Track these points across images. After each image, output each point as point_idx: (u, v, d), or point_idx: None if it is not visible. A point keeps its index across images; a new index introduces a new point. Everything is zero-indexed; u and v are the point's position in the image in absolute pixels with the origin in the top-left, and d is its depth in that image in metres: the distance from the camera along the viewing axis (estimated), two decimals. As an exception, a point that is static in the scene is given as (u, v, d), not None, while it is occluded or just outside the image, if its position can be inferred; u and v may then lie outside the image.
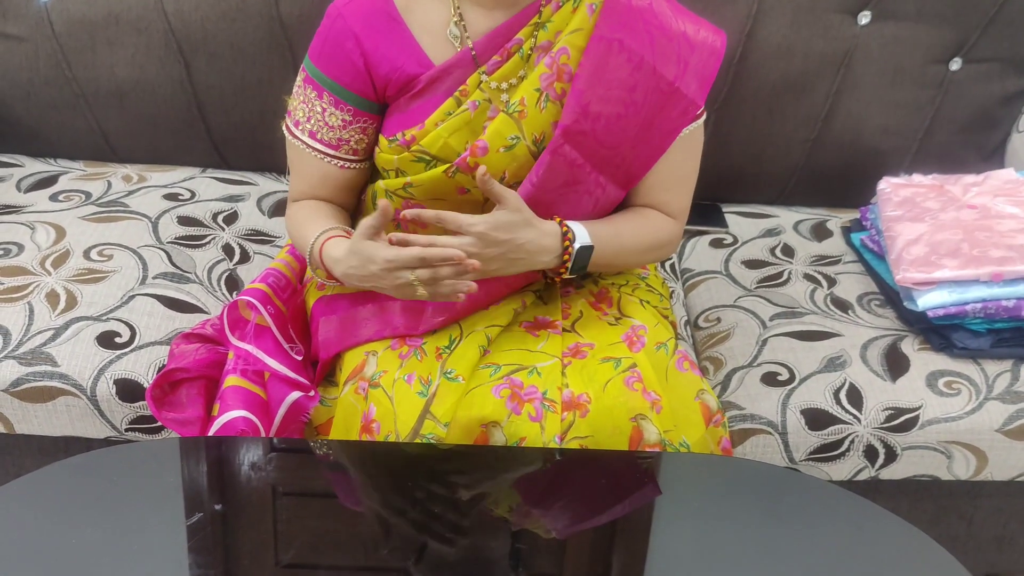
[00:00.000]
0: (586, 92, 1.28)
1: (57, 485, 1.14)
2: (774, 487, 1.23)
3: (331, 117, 1.34)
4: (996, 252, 1.55)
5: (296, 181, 1.42)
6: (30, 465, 1.57)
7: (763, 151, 1.95)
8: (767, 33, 1.83)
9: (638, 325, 1.35)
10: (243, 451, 1.23)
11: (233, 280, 1.65)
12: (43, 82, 1.88)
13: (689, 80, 1.33)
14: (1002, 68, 1.90)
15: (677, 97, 1.32)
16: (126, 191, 1.85)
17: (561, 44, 1.30)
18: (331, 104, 1.33)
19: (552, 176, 1.29)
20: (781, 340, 1.58)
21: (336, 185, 1.40)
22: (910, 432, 1.45)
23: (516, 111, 1.30)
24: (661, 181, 1.39)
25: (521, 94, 1.30)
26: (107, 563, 1.04)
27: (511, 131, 1.30)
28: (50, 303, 1.51)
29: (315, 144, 1.36)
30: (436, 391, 1.24)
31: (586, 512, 1.18)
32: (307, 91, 1.35)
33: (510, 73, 1.31)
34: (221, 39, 1.83)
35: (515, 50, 1.31)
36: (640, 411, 1.24)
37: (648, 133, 1.33)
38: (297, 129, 1.37)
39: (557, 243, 1.28)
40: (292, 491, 1.19)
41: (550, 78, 1.30)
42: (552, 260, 1.28)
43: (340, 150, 1.36)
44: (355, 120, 1.34)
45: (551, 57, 1.30)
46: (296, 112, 1.37)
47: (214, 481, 1.18)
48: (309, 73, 1.34)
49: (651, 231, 1.40)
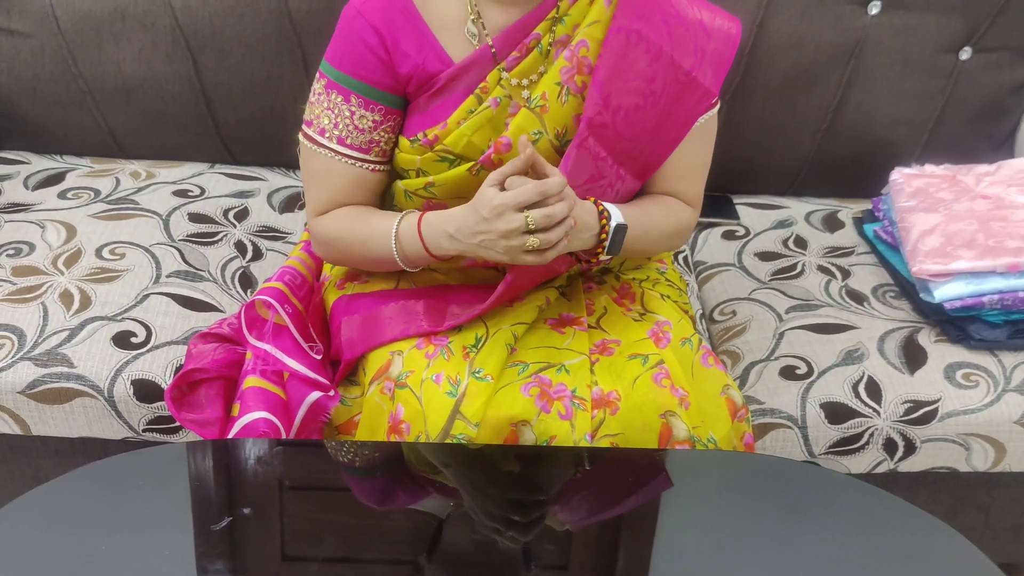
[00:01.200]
0: (607, 84, 1.27)
1: (86, 488, 1.13)
2: (798, 483, 1.23)
3: (361, 120, 1.32)
4: (1012, 242, 1.55)
5: (322, 191, 1.36)
6: (46, 466, 1.56)
7: (774, 142, 1.94)
8: (778, 24, 1.83)
9: (663, 321, 1.35)
10: (269, 453, 1.23)
11: (247, 277, 1.64)
12: (49, 78, 1.86)
13: (705, 69, 1.33)
14: (1012, 57, 1.90)
15: (694, 86, 1.32)
16: (135, 188, 1.83)
17: (580, 37, 1.29)
18: (360, 106, 1.31)
19: (580, 171, 1.28)
20: (798, 333, 1.58)
21: (369, 189, 1.37)
22: (929, 425, 1.46)
23: (538, 106, 1.29)
24: (677, 170, 1.39)
25: (542, 89, 1.30)
26: (136, 569, 1.03)
27: (534, 126, 1.30)
28: (64, 303, 1.50)
29: (345, 150, 1.33)
30: (465, 391, 1.23)
31: (610, 508, 1.18)
32: (332, 97, 1.32)
33: (530, 69, 1.31)
34: (229, 35, 1.81)
35: (533, 45, 1.30)
36: (669, 408, 1.24)
37: (666, 123, 1.33)
38: (323, 137, 1.33)
39: (596, 220, 1.27)
40: (320, 488, 1.19)
41: (570, 71, 1.29)
42: (591, 239, 1.27)
43: (370, 153, 1.34)
44: (385, 119, 1.32)
45: (570, 50, 1.29)
46: (320, 120, 1.33)
47: (241, 483, 1.18)
48: (332, 78, 1.31)
49: (672, 217, 1.40)
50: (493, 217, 1.18)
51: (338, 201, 1.37)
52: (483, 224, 1.20)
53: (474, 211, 1.21)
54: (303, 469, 1.24)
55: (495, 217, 1.18)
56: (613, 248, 1.28)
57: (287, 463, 1.23)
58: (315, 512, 1.15)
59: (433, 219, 1.27)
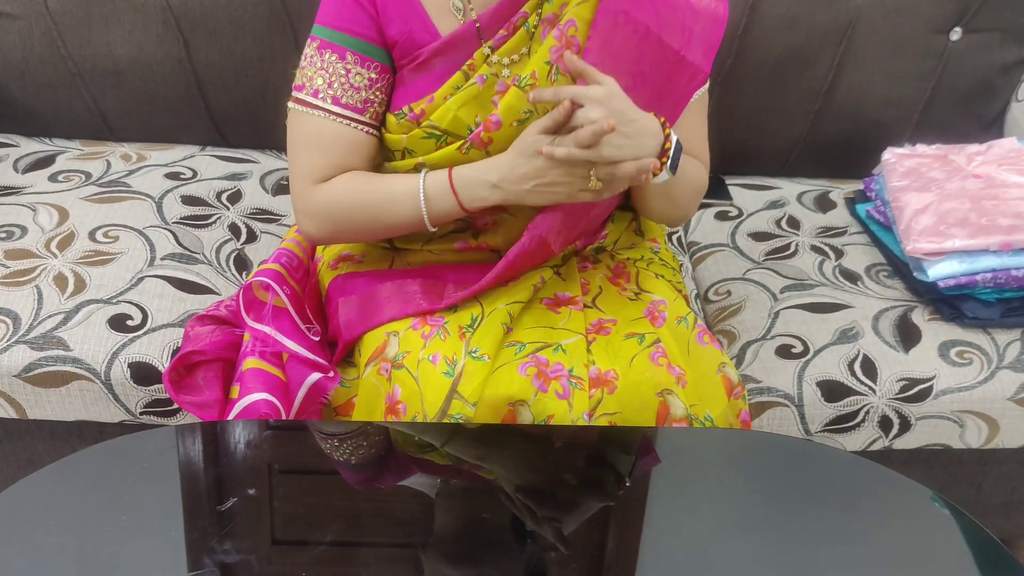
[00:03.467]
0: (596, 66, 1.27)
1: (86, 472, 1.13)
2: (796, 459, 1.23)
3: (356, 77, 1.30)
4: (1004, 220, 1.56)
5: (319, 156, 1.31)
6: (42, 450, 1.56)
7: (766, 123, 1.95)
8: (770, 5, 1.83)
9: (658, 300, 1.35)
10: (271, 433, 1.22)
11: (242, 260, 1.64)
12: (38, 60, 1.84)
13: (694, 48, 1.32)
14: (1002, 38, 1.91)
15: (684, 65, 1.32)
16: (126, 171, 1.82)
17: (568, 16, 1.29)
18: (356, 63, 1.30)
19: None
20: (793, 312, 1.59)
21: (365, 153, 1.34)
22: (924, 402, 1.47)
23: (527, 85, 1.29)
24: (686, 136, 1.37)
25: (532, 67, 1.29)
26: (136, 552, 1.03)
27: (524, 105, 1.29)
28: (58, 286, 1.49)
29: (341, 110, 1.30)
30: (462, 370, 1.23)
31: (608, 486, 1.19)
32: (325, 56, 1.30)
33: (515, 47, 1.30)
34: (220, 16, 1.80)
35: (520, 23, 1.30)
36: (666, 386, 1.24)
37: (658, 103, 1.32)
38: (317, 99, 1.30)
39: (659, 128, 1.24)
40: (328, 471, 1.19)
41: (559, 51, 1.29)
42: (656, 146, 1.23)
43: (366, 114, 1.32)
44: (380, 77, 1.32)
45: (559, 30, 1.29)
46: (313, 81, 1.30)
47: (246, 464, 1.17)
48: (325, 38, 1.30)
49: (699, 169, 1.40)
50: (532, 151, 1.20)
51: (336, 165, 1.32)
52: (543, 169, 1.20)
53: (525, 158, 1.21)
54: (302, 451, 1.24)
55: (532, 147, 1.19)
56: (674, 162, 1.25)
57: (287, 444, 1.23)
58: (309, 495, 1.15)
59: (468, 171, 1.26)
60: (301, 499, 1.13)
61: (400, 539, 1.09)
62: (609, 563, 1.08)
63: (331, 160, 1.32)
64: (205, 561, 1.01)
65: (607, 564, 1.08)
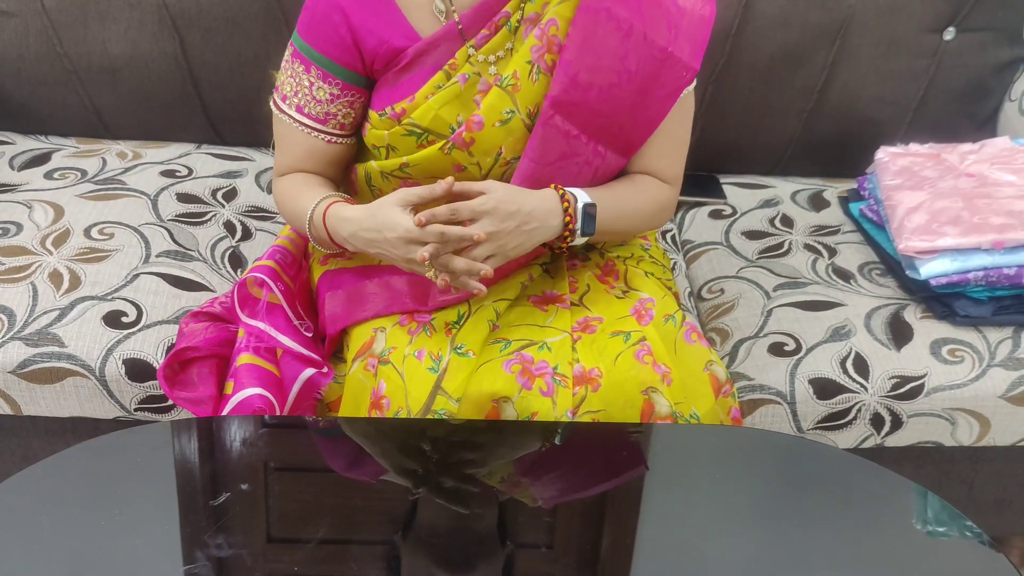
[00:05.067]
0: (574, 63, 1.27)
1: (80, 467, 1.13)
2: (787, 455, 1.24)
3: (319, 91, 1.34)
4: (996, 219, 1.57)
5: (282, 156, 1.42)
6: (37, 447, 1.56)
7: (760, 122, 1.96)
8: (764, 4, 1.83)
9: (646, 298, 1.35)
10: (264, 429, 1.23)
11: (237, 257, 1.64)
12: (33, 58, 1.85)
13: (682, 44, 1.32)
14: (995, 37, 1.92)
15: (672, 62, 1.31)
16: (122, 168, 1.83)
17: (549, 16, 1.29)
18: (319, 78, 1.33)
19: (548, 149, 1.29)
20: (786, 310, 1.59)
21: (323, 159, 1.41)
22: (916, 400, 1.48)
23: (509, 84, 1.30)
24: (656, 148, 1.39)
25: (513, 67, 1.30)
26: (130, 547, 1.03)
27: (506, 105, 1.30)
28: (53, 283, 1.50)
29: (302, 118, 1.36)
30: (447, 366, 1.24)
31: (597, 483, 1.19)
32: (295, 65, 1.35)
33: (498, 46, 1.31)
34: (216, 13, 1.80)
35: (503, 23, 1.31)
36: (651, 384, 1.25)
37: (645, 100, 1.32)
38: (284, 104, 1.37)
39: (558, 204, 1.27)
40: (322, 468, 1.19)
41: (540, 50, 1.30)
42: (558, 225, 1.27)
43: (327, 124, 1.37)
44: (343, 94, 1.35)
45: (540, 29, 1.29)
46: (284, 87, 1.37)
47: (239, 460, 1.18)
48: (297, 47, 1.34)
49: (649, 196, 1.40)
50: (395, 240, 1.21)
51: (295, 167, 1.41)
52: (385, 240, 1.23)
53: (375, 226, 1.23)
54: (294, 448, 1.25)
55: (397, 241, 1.21)
56: (587, 229, 1.29)
57: (280, 441, 1.24)
58: (303, 491, 1.16)
59: (333, 218, 1.29)
60: (294, 495, 1.14)
61: (393, 536, 1.09)
62: (602, 559, 1.08)
63: (293, 161, 1.42)
64: (198, 555, 1.02)
65: (600, 560, 1.08)
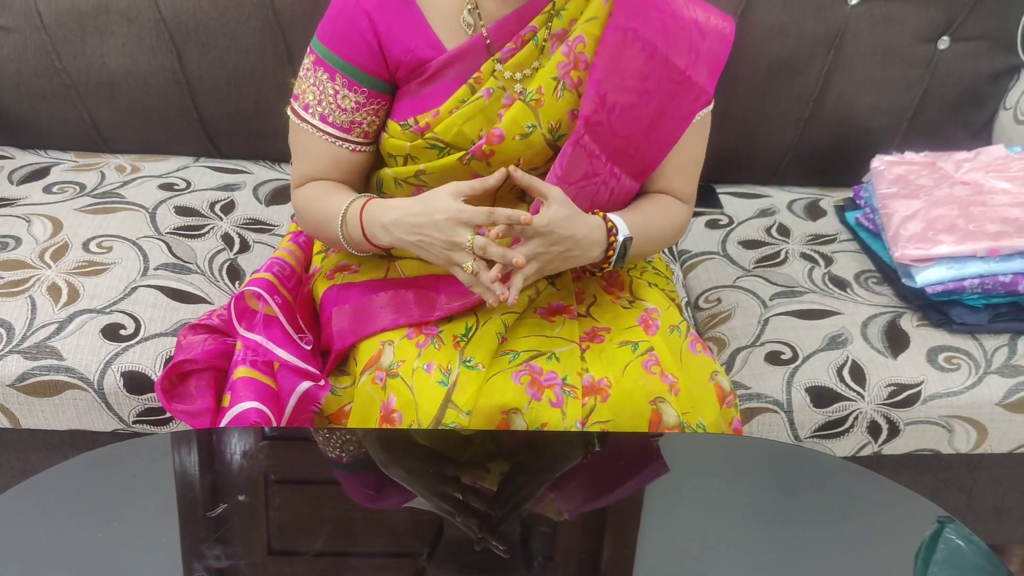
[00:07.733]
0: (604, 82, 1.28)
1: (78, 479, 1.13)
2: (787, 465, 1.24)
3: (344, 100, 1.33)
4: (992, 226, 1.57)
5: (303, 165, 1.39)
6: (35, 459, 1.56)
7: (756, 131, 1.96)
8: (760, 14, 1.85)
9: (652, 308, 1.36)
10: (262, 441, 1.23)
11: (235, 270, 1.65)
12: (32, 73, 1.86)
13: (700, 68, 1.34)
14: (989, 46, 1.93)
15: (688, 85, 1.33)
16: (120, 182, 1.83)
17: (577, 33, 1.30)
18: (344, 86, 1.32)
19: (574, 168, 1.29)
20: (782, 319, 1.60)
21: (347, 169, 1.39)
22: (912, 407, 1.48)
23: (533, 99, 1.30)
24: (674, 168, 1.40)
25: (538, 83, 1.30)
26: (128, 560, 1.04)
27: (528, 119, 1.30)
28: (52, 296, 1.50)
29: (326, 128, 1.34)
30: (456, 379, 1.24)
31: (604, 492, 1.19)
32: (318, 73, 1.33)
33: (524, 63, 1.31)
34: (213, 28, 1.81)
35: (529, 38, 1.31)
36: (659, 394, 1.25)
37: (660, 122, 1.33)
38: (307, 113, 1.35)
39: (603, 236, 1.27)
40: (320, 481, 1.19)
41: (567, 67, 1.30)
42: (599, 254, 1.28)
43: (352, 133, 1.35)
44: (369, 102, 1.33)
45: (568, 46, 1.30)
46: (305, 95, 1.35)
47: (237, 472, 1.18)
48: (320, 55, 1.33)
49: (670, 218, 1.41)
50: (443, 222, 1.19)
51: (315, 176, 1.39)
52: (431, 228, 1.20)
53: (423, 210, 1.21)
54: (293, 460, 1.25)
55: (445, 223, 1.19)
56: (619, 261, 1.30)
57: (279, 453, 1.24)
58: (304, 503, 1.16)
59: (375, 207, 1.28)
60: (293, 507, 1.14)
61: (394, 549, 1.09)
62: (603, 568, 1.08)
63: (315, 171, 1.38)
64: (197, 568, 1.02)
65: (601, 569, 1.08)
